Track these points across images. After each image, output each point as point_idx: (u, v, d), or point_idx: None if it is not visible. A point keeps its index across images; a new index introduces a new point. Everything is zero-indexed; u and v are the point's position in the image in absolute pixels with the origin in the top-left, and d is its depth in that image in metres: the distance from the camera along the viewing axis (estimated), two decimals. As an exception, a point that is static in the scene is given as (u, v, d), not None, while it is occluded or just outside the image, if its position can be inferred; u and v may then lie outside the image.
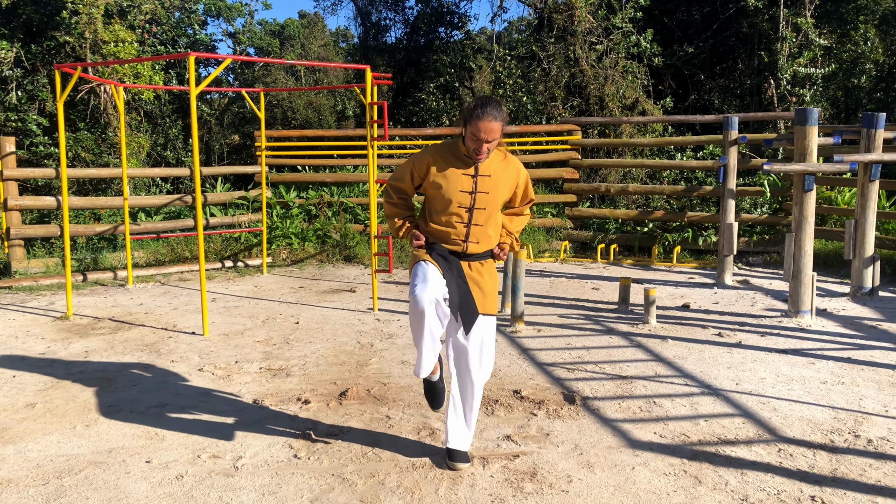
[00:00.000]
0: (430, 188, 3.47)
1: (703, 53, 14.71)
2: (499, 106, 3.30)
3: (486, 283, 3.54)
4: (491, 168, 3.44)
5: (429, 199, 3.53)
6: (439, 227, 3.47)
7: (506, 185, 3.49)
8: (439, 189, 3.42)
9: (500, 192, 3.46)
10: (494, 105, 3.28)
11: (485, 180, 3.42)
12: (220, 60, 11.28)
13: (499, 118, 3.27)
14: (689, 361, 5.30)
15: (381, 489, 3.35)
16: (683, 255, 10.10)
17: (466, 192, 3.41)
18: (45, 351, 5.68)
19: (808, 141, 6.47)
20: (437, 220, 3.48)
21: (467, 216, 3.43)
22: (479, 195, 3.42)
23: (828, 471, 3.53)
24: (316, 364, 5.30)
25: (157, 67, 12.15)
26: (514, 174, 3.52)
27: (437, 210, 3.47)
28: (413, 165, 3.51)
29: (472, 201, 3.42)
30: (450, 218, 3.44)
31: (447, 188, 3.40)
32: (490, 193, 3.43)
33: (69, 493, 3.33)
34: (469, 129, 3.30)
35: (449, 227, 3.46)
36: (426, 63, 16.76)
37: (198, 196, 6.28)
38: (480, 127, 3.25)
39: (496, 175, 3.45)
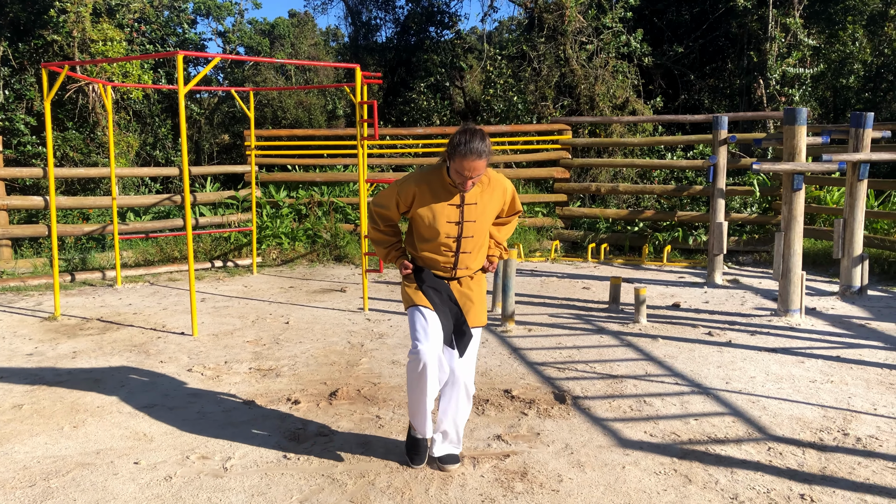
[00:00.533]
0: (415, 217, 3.43)
1: (693, 53, 14.77)
2: (483, 141, 3.22)
3: (476, 295, 3.54)
4: (476, 195, 3.40)
5: (415, 226, 3.47)
6: (427, 254, 3.46)
7: (493, 209, 3.48)
8: (425, 220, 3.38)
9: (486, 217, 3.45)
10: (479, 141, 3.21)
11: (471, 209, 3.39)
12: (210, 59, 11.23)
13: (483, 156, 3.21)
14: (679, 360, 5.31)
15: (371, 489, 3.34)
16: (674, 255, 10.13)
17: (453, 222, 3.37)
18: (33, 352, 5.63)
19: (796, 140, 6.49)
20: (424, 248, 3.45)
21: (455, 245, 3.41)
22: (466, 224, 3.39)
23: (817, 469, 3.54)
24: (306, 364, 5.28)
25: (145, 66, 12.08)
26: (501, 195, 3.49)
27: (424, 238, 3.44)
28: (398, 194, 3.42)
29: (460, 231, 3.39)
30: (437, 247, 3.41)
31: (433, 220, 3.36)
32: (477, 221, 3.41)
33: (56, 495, 3.30)
34: (454, 165, 3.25)
35: (437, 256, 3.44)
36: (417, 62, 16.74)
37: (186, 196, 6.24)
38: (465, 165, 3.20)
39: (482, 202, 3.42)
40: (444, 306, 3.47)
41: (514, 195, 3.58)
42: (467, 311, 3.51)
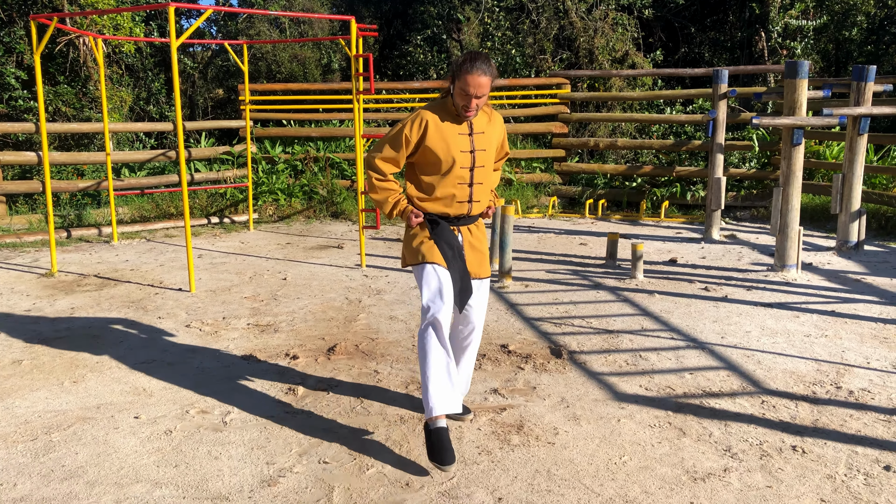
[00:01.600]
0: (427, 153, 3.29)
1: (694, 5, 14.51)
2: (488, 60, 3.18)
3: (482, 245, 3.50)
4: (482, 124, 3.36)
5: (424, 166, 3.34)
6: (442, 193, 3.33)
7: (496, 141, 3.46)
8: (439, 151, 3.26)
9: (493, 147, 3.41)
10: (484, 59, 3.16)
11: (480, 137, 3.34)
12: (202, 12, 11.00)
13: (488, 73, 3.16)
14: (675, 315, 5.34)
15: (369, 442, 3.38)
16: (671, 210, 10.11)
17: (466, 151, 3.30)
18: (31, 308, 5.65)
19: (797, 94, 6.42)
20: (438, 186, 3.32)
21: (469, 176, 3.32)
22: (477, 153, 3.33)
23: (809, 421, 3.59)
24: (304, 320, 5.30)
25: (137, 19, 11.85)
26: (500, 129, 3.48)
27: (437, 173, 3.30)
28: (409, 130, 3.27)
29: (473, 160, 3.31)
30: (453, 181, 3.31)
31: (448, 149, 3.26)
32: (486, 150, 3.36)
33: (58, 448, 3.34)
34: (458, 85, 3.18)
35: (453, 190, 3.32)
36: (413, 15, 16.43)
37: (181, 151, 6.18)
38: (470, 81, 3.13)
39: (488, 131, 3.38)
40: (455, 262, 3.35)
41: (505, 131, 3.57)
42: (477, 262, 3.45)
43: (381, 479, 3.06)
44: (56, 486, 3.02)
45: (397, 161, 3.33)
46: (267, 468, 3.16)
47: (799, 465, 3.17)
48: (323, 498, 2.93)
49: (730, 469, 3.14)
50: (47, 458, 3.25)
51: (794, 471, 3.13)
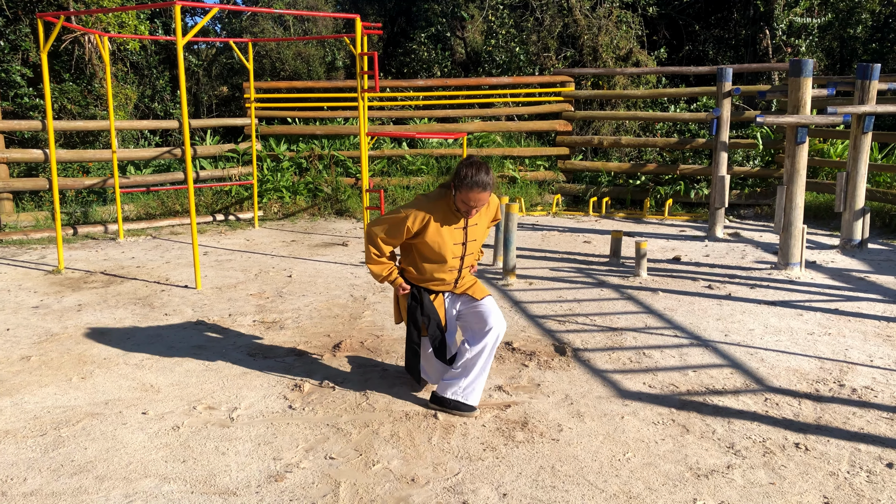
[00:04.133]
0: (422, 246, 3.61)
1: (699, 3, 14.49)
2: (488, 174, 3.45)
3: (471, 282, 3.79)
4: (476, 216, 3.67)
5: (419, 250, 3.63)
6: (431, 273, 3.67)
7: (487, 223, 3.78)
8: (434, 246, 3.59)
9: (483, 231, 3.74)
10: (485, 174, 3.43)
11: (473, 229, 3.67)
12: (207, 9, 11.04)
13: (488, 188, 3.46)
14: (678, 313, 5.36)
15: (375, 438, 3.41)
16: (675, 208, 10.12)
17: (459, 243, 3.64)
18: (39, 304, 5.69)
19: (802, 93, 6.43)
20: (428, 268, 3.66)
21: (459, 263, 3.67)
22: (469, 244, 3.67)
23: (812, 419, 3.61)
24: (309, 317, 5.33)
25: (142, 17, 11.88)
26: (493, 211, 3.80)
27: (428, 260, 3.64)
28: (411, 222, 3.54)
29: (464, 251, 3.66)
30: (443, 268, 3.65)
31: (442, 244, 3.59)
32: (477, 240, 3.71)
33: (67, 444, 3.37)
34: (460, 196, 3.47)
35: (441, 274, 3.67)
36: (417, 12, 16.44)
37: (187, 149, 6.21)
38: (471, 197, 3.44)
39: (480, 220, 3.70)
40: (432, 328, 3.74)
41: (497, 206, 3.88)
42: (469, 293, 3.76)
43: (387, 475, 3.09)
44: (66, 480, 3.06)
45: (395, 244, 3.68)
46: (274, 463, 3.19)
47: (802, 463, 3.19)
48: (329, 493, 2.96)
49: (733, 466, 3.16)
50: (57, 454, 3.28)
51: (798, 468, 3.15)
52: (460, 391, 3.67)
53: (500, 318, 3.71)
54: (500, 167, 10.87)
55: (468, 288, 3.79)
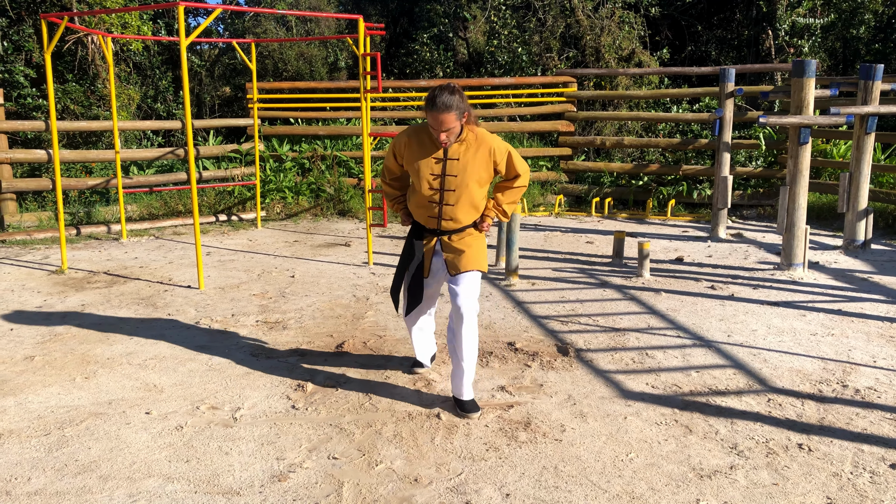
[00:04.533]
0: (409, 169, 3.68)
1: (701, 3, 14.49)
2: (453, 95, 3.39)
3: (465, 246, 3.67)
4: (460, 151, 3.57)
5: (411, 177, 3.71)
6: (417, 207, 3.70)
7: (477, 166, 3.58)
8: (411, 172, 3.65)
9: (469, 173, 3.57)
10: (448, 95, 3.38)
11: (453, 164, 3.57)
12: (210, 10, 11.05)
13: (451, 110, 3.38)
14: (681, 314, 5.35)
15: (378, 438, 3.42)
16: (678, 209, 10.11)
17: (436, 175, 3.58)
18: (42, 304, 5.70)
19: (804, 93, 6.42)
20: (415, 200, 3.70)
21: (438, 197, 3.61)
22: (447, 178, 3.58)
23: (815, 420, 3.61)
24: (312, 317, 5.34)
25: (144, 17, 11.90)
26: (487, 153, 3.59)
27: (413, 190, 3.69)
28: (394, 147, 3.71)
29: (441, 184, 3.59)
30: (423, 199, 3.64)
31: (418, 173, 3.61)
32: (459, 176, 3.57)
33: (71, 443, 3.38)
34: (427, 119, 3.45)
35: (423, 208, 3.66)
36: (419, 13, 16.45)
37: (190, 149, 6.22)
38: (434, 118, 3.40)
39: (465, 157, 3.57)
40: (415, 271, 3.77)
41: (509, 156, 3.66)
42: (452, 262, 3.67)
43: (390, 475, 3.10)
44: (70, 480, 3.06)
45: (393, 169, 3.80)
46: (277, 463, 3.20)
47: (805, 463, 3.19)
48: (333, 493, 2.96)
49: (736, 466, 3.16)
50: (60, 453, 3.29)
51: (801, 468, 3.15)
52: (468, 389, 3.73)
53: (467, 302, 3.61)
54: (503, 168, 10.86)
55: (457, 254, 3.66)
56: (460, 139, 3.58)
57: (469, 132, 3.59)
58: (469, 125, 3.58)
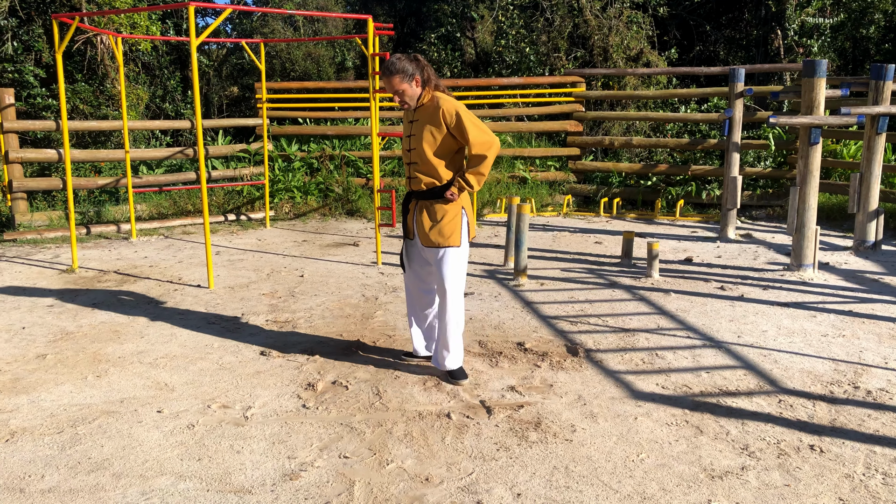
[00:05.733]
0: None
1: (709, 3, 14.45)
2: (399, 61, 3.78)
3: (435, 217, 3.94)
4: (421, 114, 3.91)
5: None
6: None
7: (431, 127, 3.85)
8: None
9: (424, 132, 3.87)
10: (390, 63, 3.79)
11: (416, 124, 3.93)
12: (219, 10, 11.08)
13: (394, 72, 3.77)
14: (691, 314, 5.34)
15: (388, 438, 3.42)
16: (687, 209, 10.09)
17: (407, 135, 4.00)
18: (53, 303, 5.73)
19: (815, 93, 6.40)
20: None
21: (408, 156, 3.99)
22: (411, 138, 3.95)
23: (827, 421, 3.60)
24: (322, 316, 5.35)
25: (153, 17, 11.94)
26: (438, 115, 3.82)
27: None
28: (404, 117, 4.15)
29: (409, 144, 3.96)
30: (403, 160, 4.14)
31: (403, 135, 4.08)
32: (416, 135, 3.91)
33: (84, 441, 3.40)
34: None
35: (404, 168, 4.19)
36: (427, 13, 16.46)
37: (200, 149, 6.24)
38: (383, 82, 3.86)
39: (423, 119, 3.89)
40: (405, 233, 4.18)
41: (458, 118, 3.79)
42: (423, 233, 3.97)
43: (401, 474, 3.10)
44: (83, 477, 3.08)
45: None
46: (288, 462, 3.21)
47: (817, 465, 3.18)
48: (344, 492, 2.97)
49: (747, 467, 3.15)
50: (73, 451, 3.31)
51: (812, 470, 3.14)
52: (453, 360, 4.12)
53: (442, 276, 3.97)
54: (511, 167, 10.87)
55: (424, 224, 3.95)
56: (422, 103, 3.90)
57: (428, 96, 3.89)
58: (431, 90, 3.88)
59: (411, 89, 3.84)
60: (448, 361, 4.08)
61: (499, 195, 10.25)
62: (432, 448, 3.33)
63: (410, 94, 3.85)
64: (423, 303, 4.25)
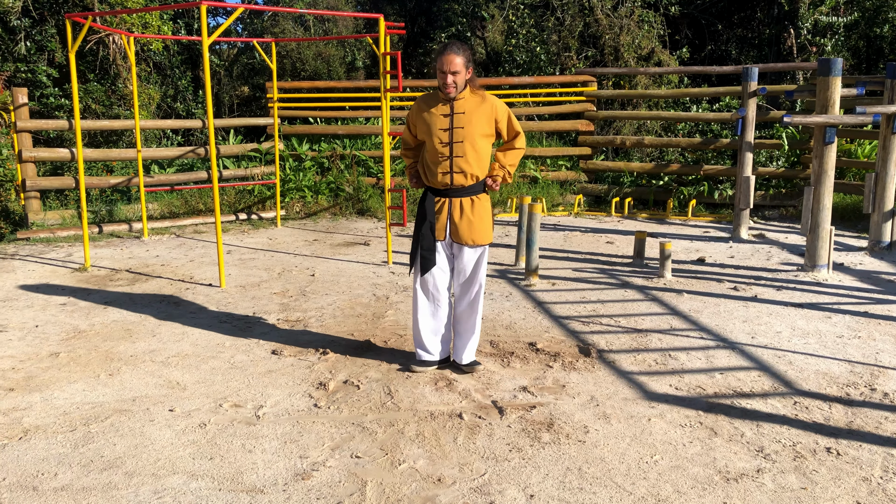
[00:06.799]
0: (419, 133, 4.07)
1: (721, 2, 14.36)
2: (461, 45, 3.87)
3: (477, 216, 4.03)
4: (466, 106, 3.96)
5: (424, 144, 4.09)
6: (431, 164, 4.00)
7: (482, 119, 3.96)
8: (424, 131, 4.00)
9: (475, 125, 3.95)
10: (456, 44, 3.86)
11: (460, 117, 3.94)
12: (231, 10, 11.10)
13: (459, 53, 3.83)
14: (704, 315, 5.31)
15: (400, 438, 3.41)
16: (699, 209, 10.03)
17: (444, 128, 3.95)
18: (66, 302, 5.75)
19: (830, 92, 6.34)
20: (428, 157, 4.03)
21: (448, 150, 3.94)
22: (455, 130, 3.94)
23: (843, 423, 3.56)
24: (333, 316, 5.35)
25: (164, 17, 11.98)
26: (490, 109, 3.99)
27: (426, 150, 4.04)
28: (408, 118, 4.14)
29: (451, 136, 3.94)
30: (435, 154, 3.96)
31: (429, 127, 3.98)
32: (465, 127, 3.93)
33: (97, 439, 3.40)
34: (438, 69, 3.87)
35: (435, 164, 3.98)
36: (437, 12, 16.45)
37: (212, 148, 6.25)
38: (443, 60, 3.83)
39: (470, 111, 3.95)
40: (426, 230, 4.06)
41: (508, 114, 4.06)
42: (467, 230, 4.01)
43: (413, 475, 3.09)
44: (96, 476, 3.08)
45: (409, 140, 4.20)
46: (300, 462, 3.20)
47: (834, 467, 3.14)
48: (356, 492, 2.96)
49: (763, 470, 3.12)
50: (86, 449, 3.31)
51: (829, 472, 3.10)
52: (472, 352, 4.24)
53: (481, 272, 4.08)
54: (522, 167, 10.84)
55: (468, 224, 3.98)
56: (463, 96, 3.95)
57: (472, 90, 3.99)
58: (473, 86, 3.98)
59: (463, 76, 3.90)
60: (474, 354, 4.24)
61: (510, 195, 10.22)
62: (444, 448, 3.31)
63: (460, 81, 3.90)
64: (443, 304, 4.17)
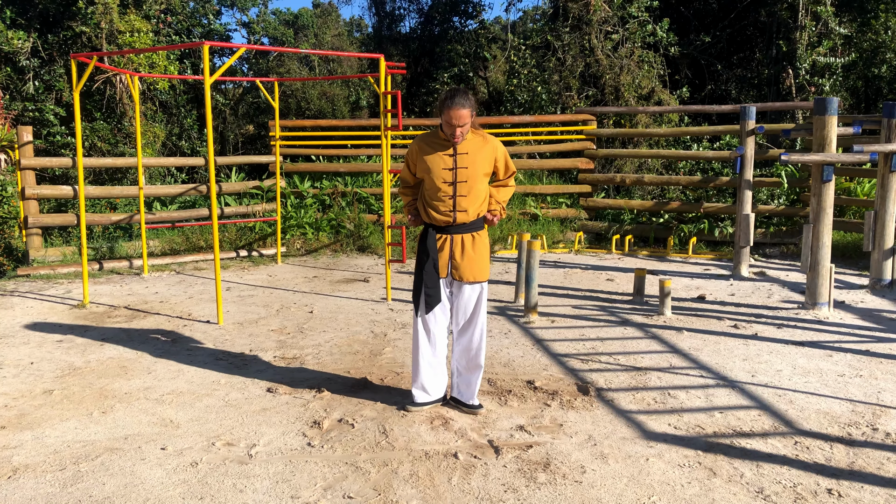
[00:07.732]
0: (420, 172, 4.10)
1: (721, 43, 14.56)
2: (466, 95, 3.90)
3: (477, 253, 4.10)
4: (468, 147, 4.03)
5: (423, 182, 4.11)
6: (432, 201, 4.05)
7: (484, 160, 4.06)
8: (426, 171, 4.04)
9: (478, 165, 4.03)
10: (462, 95, 3.89)
11: (463, 157, 4.02)
12: (234, 50, 11.29)
13: (467, 105, 3.88)
14: (704, 353, 5.26)
15: (394, 478, 3.36)
16: (699, 247, 10.02)
17: (448, 169, 4.01)
18: (63, 338, 5.73)
19: (827, 130, 6.38)
20: (429, 196, 4.07)
21: (451, 189, 4.01)
22: (459, 171, 4.01)
23: (845, 464, 3.50)
24: (330, 353, 5.31)
25: (171, 57, 12.18)
26: (492, 150, 4.10)
27: (427, 188, 4.08)
28: (408, 157, 4.16)
29: (454, 177, 4.01)
30: (437, 193, 4.02)
31: (431, 168, 4.02)
32: (469, 168, 4.01)
33: (86, 479, 3.35)
34: (443, 118, 3.92)
35: (438, 202, 4.04)
36: (440, 53, 16.70)
37: (212, 185, 6.29)
38: (452, 115, 3.87)
39: (473, 152, 4.03)
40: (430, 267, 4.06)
41: (506, 155, 4.19)
42: (468, 268, 4.06)
43: (406, 516, 3.03)
44: (83, 516, 3.03)
45: (408, 179, 4.24)
46: (292, 502, 3.14)
47: (835, 509, 3.08)
48: (347, 533, 2.90)
49: (763, 512, 3.06)
50: (75, 489, 3.27)
51: (830, 515, 3.03)
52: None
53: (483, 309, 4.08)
54: (522, 204, 10.88)
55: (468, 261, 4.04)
56: (466, 138, 4.01)
57: (473, 131, 4.06)
58: (473, 126, 4.04)
59: (469, 126, 3.99)
60: (475, 394, 4.20)
61: (510, 232, 10.24)
62: (438, 489, 3.26)
63: (467, 131, 3.98)
64: (443, 342, 4.19)
